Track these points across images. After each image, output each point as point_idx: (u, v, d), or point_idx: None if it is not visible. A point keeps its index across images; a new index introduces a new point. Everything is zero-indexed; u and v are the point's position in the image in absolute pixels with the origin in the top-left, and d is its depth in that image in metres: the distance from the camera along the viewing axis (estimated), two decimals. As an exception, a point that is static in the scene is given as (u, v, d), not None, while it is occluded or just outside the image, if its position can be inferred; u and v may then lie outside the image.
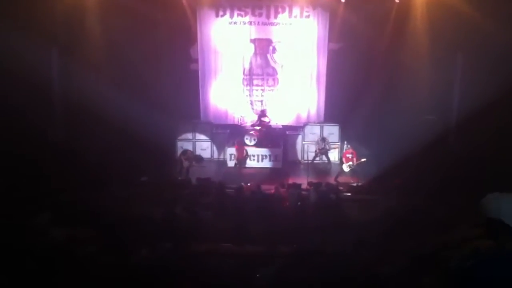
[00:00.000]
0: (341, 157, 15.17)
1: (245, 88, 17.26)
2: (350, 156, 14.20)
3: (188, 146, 16.00)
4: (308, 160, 16.06)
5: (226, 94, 17.25)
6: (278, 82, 17.20)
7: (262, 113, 16.56)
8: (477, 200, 3.57)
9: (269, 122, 16.45)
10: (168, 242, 6.88)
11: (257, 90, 17.31)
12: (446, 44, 13.25)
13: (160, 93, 15.55)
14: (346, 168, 14.23)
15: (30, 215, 7.46)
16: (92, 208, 8.93)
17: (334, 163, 15.97)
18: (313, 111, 17.21)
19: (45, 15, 12.37)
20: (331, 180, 13.56)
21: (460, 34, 12.77)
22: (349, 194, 12.32)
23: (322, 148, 15.74)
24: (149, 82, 15.28)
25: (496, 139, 11.50)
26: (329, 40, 16.61)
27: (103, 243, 6.10)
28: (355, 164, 14.11)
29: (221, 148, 16.47)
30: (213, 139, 16.58)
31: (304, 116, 17.22)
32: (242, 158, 15.21)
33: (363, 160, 14.14)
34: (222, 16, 16.70)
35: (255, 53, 17.01)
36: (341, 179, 13.84)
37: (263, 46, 16.97)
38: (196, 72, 17.11)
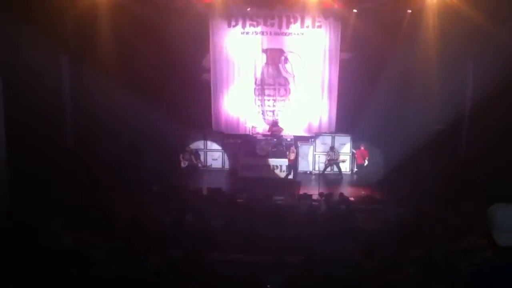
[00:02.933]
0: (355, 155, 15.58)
1: (257, 98, 17.24)
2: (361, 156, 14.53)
3: (199, 156, 16.09)
4: (319, 170, 16.05)
5: (238, 104, 17.27)
6: (289, 92, 17.16)
7: (274, 123, 16.58)
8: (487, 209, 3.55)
9: (280, 132, 16.45)
10: (178, 249, 6.92)
11: (268, 100, 17.28)
12: (457, 53, 13.18)
13: (172, 102, 15.67)
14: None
15: (42, 219, 7.54)
16: (103, 213, 9.01)
17: (345, 174, 15.94)
18: (325, 121, 17.15)
19: (58, 23, 12.54)
20: (342, 190, 13.50)
21: (471, 43, 12.71)
22: (359, 204, 12.31)
23: (332, 159, 15.78)
24: (161, 92, 15.39)
25: (507, 149, 11.41)
26: (341, 50, 16.60)
27: (113, 248, 6.14)
28: (365, 165, 14.40)
29: (232, 158, 16.51)
30: (224, 148, 16.63)
31: (315, 126, 17.17)
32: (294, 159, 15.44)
33: (365, 164, 14.41)
34: (234, 26, 16.75)
35: (267, 63, 17.01)
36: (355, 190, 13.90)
37: (275, 56, 16.97)
38: (208, 82, 17.16)
